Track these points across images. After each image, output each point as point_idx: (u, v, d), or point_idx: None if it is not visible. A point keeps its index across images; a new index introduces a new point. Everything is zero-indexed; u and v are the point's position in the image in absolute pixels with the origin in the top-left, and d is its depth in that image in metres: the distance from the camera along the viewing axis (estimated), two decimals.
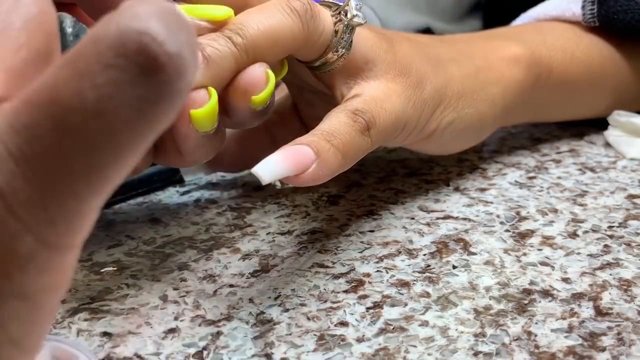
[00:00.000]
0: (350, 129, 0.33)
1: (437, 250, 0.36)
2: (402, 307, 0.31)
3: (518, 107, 0.44)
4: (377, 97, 0.35)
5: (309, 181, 0.32)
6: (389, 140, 0.37)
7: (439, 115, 0.39)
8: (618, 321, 0.30)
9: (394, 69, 0.37)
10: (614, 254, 0.35)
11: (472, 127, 0.41)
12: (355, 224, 0.39)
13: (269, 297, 0.32)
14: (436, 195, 0.42)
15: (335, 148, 0.32)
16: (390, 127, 0.36)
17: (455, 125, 0.40)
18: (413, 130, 0.38)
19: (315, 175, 0.31)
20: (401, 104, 0.36)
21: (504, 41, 0.45)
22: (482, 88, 0.41)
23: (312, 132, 0.33)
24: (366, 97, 0.35)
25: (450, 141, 0.41)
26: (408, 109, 0.37)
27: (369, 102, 0.35)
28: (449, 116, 0.39)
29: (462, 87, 0.40)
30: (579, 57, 0.47)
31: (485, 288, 0.32)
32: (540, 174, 0.45)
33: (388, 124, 0.35)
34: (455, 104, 0.39)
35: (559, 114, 0.49)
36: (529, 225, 0.38)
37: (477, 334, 0.29)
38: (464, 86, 0.40)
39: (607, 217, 0.39)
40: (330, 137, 0.33)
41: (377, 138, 0.35)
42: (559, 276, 0.33)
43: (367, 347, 0.28)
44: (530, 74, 0.44)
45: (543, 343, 0.28)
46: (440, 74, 0.39)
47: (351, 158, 0.34)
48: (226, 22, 0.32)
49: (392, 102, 0.36)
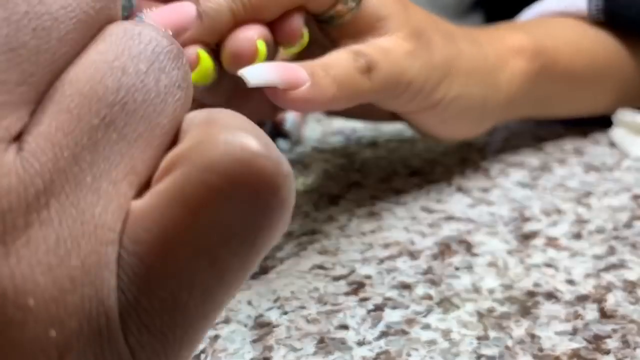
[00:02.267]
0: (350, 65, 0.33)
1: (440, 252, 0.35)
2: (404, 310, 0.31)
3: (522, 98, 0.44)
4: (384, 47, 0.35)
5: (299, 102, 0.31)
6: (393, 96, 0.37)
7: (445, 86, 0.38)
8: (623, 323, 0.29)
9: (405, 28, 0.36)
10: (619, 255, 0.34)
11: (475, 109, 0.41)
12: (356, 224, 0.39)
13: (268, 299, 0.32)
14: (438, 195, 0.42)
15: (331, 78, 0.32)
16: (393, 78, 0.35)
17: (459, 102, 0.40)
18: (418, 94, 0.37)
19: (306, 97, 0.31)
20: (408, 61, 0.36)
21: (509, 33, 0.45)
22: (488, 72, 0.41)
23: (309, 61, 0.32)
24: (372, 44, 0.35)
25: (452, 118, 0.41)
26: (415, 67, 0.36)
27: (374, 47, 0.35)
28: (455, 90, 0.39)
29: (470, 66, 0.40)
30: (584, 51, 0.47)
31: (488, 290, 0.32)
32: (544, 174, 0.44)
33: (391, 74, 0.35)
34: (462, 80, 0.39)
35: (563, 109, 0.49)
36: (532, 226, 0.38)
37: (480, 336, 0.29)
38: (472, 65, 0.40)
39: (612, 217, 0.38)
40: (327, 67, 0.32)
41: (377, 83, 0.34)
42: (563, 278, 0.33)
43: (368, 350, 0.28)
44: (535, 64, 0.44)
45: (547, 346, 0.28)
46: (451, 46, 0.39)
47: (346, 93, 0.33)
48: None
49: (400, 55, 0.35)
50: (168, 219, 0.14)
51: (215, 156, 0.14)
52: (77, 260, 0.14)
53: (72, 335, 0.13)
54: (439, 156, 0.47)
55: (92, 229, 0.14)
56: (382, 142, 0.50)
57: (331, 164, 0.47)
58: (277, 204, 0.15)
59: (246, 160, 0.14)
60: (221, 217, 0.14)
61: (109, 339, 0.14)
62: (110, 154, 0.15)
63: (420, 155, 0.48)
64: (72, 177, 0.14)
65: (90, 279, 0.14)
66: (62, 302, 0.13)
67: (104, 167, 0.15)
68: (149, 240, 0.14)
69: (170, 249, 0.14)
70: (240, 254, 0.15)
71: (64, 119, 0.14)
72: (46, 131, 0.14)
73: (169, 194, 0.14)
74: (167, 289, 0.14)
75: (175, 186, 0.14)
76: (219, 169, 0.14)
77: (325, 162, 0.47)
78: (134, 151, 0.15)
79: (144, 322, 0.14)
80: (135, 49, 0.16)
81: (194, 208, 0.14)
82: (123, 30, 0.16)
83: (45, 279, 0.13)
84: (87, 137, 0.14)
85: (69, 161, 0.14)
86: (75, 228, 0.14)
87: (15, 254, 0.13)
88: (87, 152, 0.14)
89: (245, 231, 0.15)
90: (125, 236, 0.14)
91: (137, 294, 0.14)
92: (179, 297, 0.14)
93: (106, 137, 0.15)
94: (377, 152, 0.49)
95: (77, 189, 0.14)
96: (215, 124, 0.15)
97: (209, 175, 0.14)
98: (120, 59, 0.15)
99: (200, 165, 0.14)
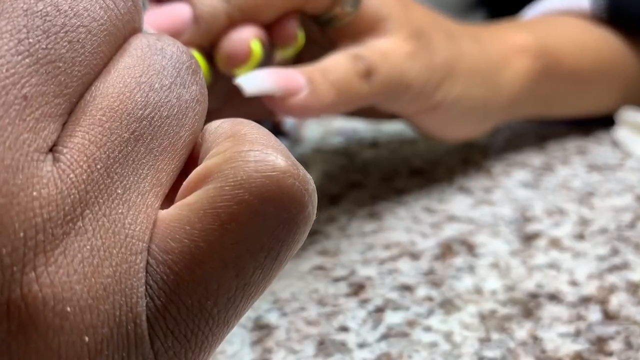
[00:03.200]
0: (348, 69, 0.33)
1: (441, 253, 0.35)
2: (405, 312, 0.30)
3: (525, 98, 0.44)
4: (384, 49, 0.35)
5: (296, 109, 0.31)
6: (392, 99, 0.36)
7: (446, 88, 0.38)
8: (626, 325, 0.29)
9: (406, 29, 0.36)
10: (622, 256, 0.34)
11: (476, 110, 0.41)
12: (357, 225, 0.38)
13: (267, 301, 0.31)
14: (440, 195, 0.42)
15: (330, 83, 0.32)
16: (393, 82, 0.35)
17: (461, 103, 0.39)
18: (419, 96, 0.37)
19: (304, 104, 0.31)
20: (408, 63, 0.35)
21: (512, 31, 0.44)
22: (491, 73, 0.41)
23: (307, 65, 0.32)
24: (371, 47, 0.34)
25: (453, 120, 0.40)
26: (415, 69, 0.36)
27: (373, 50, 0.34)
28: (456, 91, 0.39)
29: (472, 66, 0.40)
30: (588, 50, 0.47)
31: (490, 291, 0.31)
32: (546, 174, 0.44)
33: (391, 77, 0.34)
34: (463, 81, 0.39)
35: (566, 108, 0.49)
36: (535, 226, 0.37)
37: (482, 338, 0.28)
38: (474, 65, 0.40)
39: (615, 218, 0.38)
40: (326, 72, 0.32)
41: (377, 87, 0.34)
42: (566, 279, 0.32)
43: (369, 352, 0.28)
44: (539, 63, 0.43)
45: (549, 348, 0.28)
46: (452, 46, 0.39)
47: (345, 99, 0.33)
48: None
49: (399, 58, 0.35)
50: (199, 231, 0.15)
51: (247, 174, 0.15)
52: (110, 269, 0.14)
53: (103, 341, 0.14)
54: (441, 156, 0.47)
55: (123, 238, 0.15)
56: (383, 142, 0.50)
57: (331, 164, 0.47)
58: (302, 220, 0.16)
59: (277, 179, 0.15)
60: (250, 232, 0.15)
61: (136, 344, 0.15)
62: (139, 166, 0.16)
63: (421, 155, 0.48)
64: (105, 189, 0.15)
65: (121, 287, 0.14)
66: (95, 310, 0.14)
67: (133, 179, 0.15)
68: (179, 250, 0.15)
69: (200, 259, 0.15)
70: (265, 266, 0.16)
71: (96, 132, 0.15)
72: (80, 143, 0.15)
73: (200, 208, 0.15)
74: (194, 297, 0.15)
75: (208, 200, 0.15)
76: (251, 186, 0.15)
77: (325, 162, 0.47)
78: (159, 164, 0.16)
79: (170, 327, 0.15)
80: (159, 64, 0.17)
81: (225, 222, 0.15)
82: (147, 45, 0.17)
83: (80, 287, 0.14)
84: (118, 150, 0.15)
85: (102, 173, 0.15)
86: (108, 238, 0.14)
87: (55, 262, 0.14)
88: (118, 164, 0.15)
89: (271, 245, 0.15)
90: (155, 245, 0.15)
91: (166, 300, 0.15)
92: (204, 304, 0.15)
93: (135, 151, 0.16)
94: (378, 152, 0.48)
95: (109, 200, 0.15)
96: (242, 140, 0.16)
97: (241, 192, 0.15)
98: (147, 75, 0.16)
99: (232, 182, 0.15)
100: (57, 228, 0.14)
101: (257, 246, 0.15)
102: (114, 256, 0.14)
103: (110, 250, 0.14)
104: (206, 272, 0.15)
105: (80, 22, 0.15)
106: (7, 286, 0.13)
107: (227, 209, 0.15)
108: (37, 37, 0.14)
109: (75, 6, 0.15)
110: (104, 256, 0.14)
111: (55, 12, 0.15)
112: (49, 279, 0.13)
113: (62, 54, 0.15)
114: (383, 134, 0.51)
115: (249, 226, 0.15)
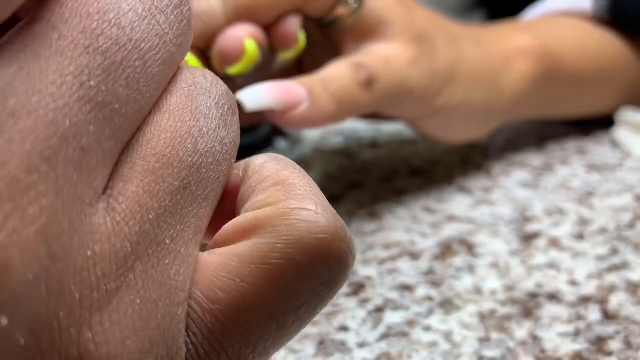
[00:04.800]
0: (350, 79, 0.32)
1: (441, 253, 0.35)
2: (405, 311, 0.30)
3: (527, 100, 0.44)
4: (385, 56, 0.35)
5: (298, 122, 0.31)
6: (394, 105, 0.36)
7: (448, 92, 0.38)
8: (626, 324, 0.29)
9: (408, 34, 0.36)
10: (622, 256, 0.34)
11: (478, 114, 0.41)
12: (357, 225, 0.38)
13: None
14: (440, 195, 0.42)
15: (330, 94, 0.31)
16: (394, 89, 0.35)
17: (462, 107, 0.39)
18: (420, 101, 0.37)
19: (305, 117, 0.31)
20: (410, 69, 0.35)
21: (514, 33, 0.44)
22: (492, 76, 0.41)
23: (308, 76, 0.32)
24: (372, 54, 0.34)
25: (455, 124, 0.40)
26: (417, 75, 0.36)
27: (374, 58, 0.34)
28: (458, 96, 0.39)
29: (473, 70, 0.39)
30: (590, 52, 0.46)
31: (490, 291, 0.32)
32: (546, 174, 0.44)
33: (392, 84, 0.34)
34: (465, 85, 0.39)
35: (568, 110, 0.49)
36: (534, 226, 0.37)
37: (482, 338, 0.28)
38: (476, 69, 0.40)
39: (615, 218, 0.38)
40: (326, 82, 0.32)
41: (378, 96, 0.34)
42: (566, 279, 0.32)
43: (369, 352, 0.28)
44: (540, 66, 0.43)
45: (549, 347, 0.28)
46: (454, 50, 0.38)
47: (346, 109, 0.33)
48: None
49: (401, 64, 0.35)
50: (249, 285, 0.15)
51: (300, 234, 0.15)
52: (155, 322, 0.14)
53: None
54: (441, 156, 0.47)
55: (168, 290, 0.14)
56: (382, 142, 0.50)
57: (331, 164, 0.47)
58: (343, 279, 0.16)
59: (328, 242, 0.15)
60: (296, 289, 0.15)
61: None
62: (185, 215, 0.15)
63: (421, 155, 0.48)
64: (154, 239, 0.14)
65: (164, 339, 0.14)
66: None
67: (180, 228, 0.15)
68: (227, 302, 0.15)
69: (247, 311, 0.15)
70: (302, 319, 0.16)
71: (150, 180, 0.15)
72: (136, 192, 0.14)
73: (251, 261, 0.15)
74: (236, 346, 0.15)
75: (259, 255, 0.15)
76: (302, 247, 0.15)
77: (325, 162, 0.47)
78: (202, 211, 0.16)
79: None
80: (205, 106, 0.16)
81: (275, 278, 0.15)
82: (194, 83, 0.16)
83: (131, 343, 0.14)
84: (169, 199, 0.15)
85: (153, 223, 0.14)
86: (155, 290, 0.14)
87: (109, 319, 0.13)
88: (168, 213, 0.15)
89: (312, 301, 0.16)
90: (200, 292, 0.15)
91: (209, 349, 0.15)
92: (243, 352, 0.15)
93: (183, 199, 0.15)
94: (378, 152, 0.48)
95: (157, 251, 0.14)
96: (293, 193, 0.16)
97: (293, 252, 0.15)
98: (196, 119, 0.16)
99: (285, 241, 0.15)
100: (110, 283, 0.13)
101: (300, 302, 0.16)
102: (159, 309, 0.14)
103: (156, 302, 0.14)
104: (252, 325, 0.15)
105: (138, 55, 0.14)
106: (64, 348, 0.13)
107: (278, 266, 0.15)
108: (98, 79, 0.14)
109: (133, 37, 0.14)
110: (151, 309, 0.14)
111: (115, 47, 0.14)
112: (104, 337, 0.13)
113: (119, 93, 0.14)
114: (383, 134, 0.51)
115: (297, 284, 0.15)
